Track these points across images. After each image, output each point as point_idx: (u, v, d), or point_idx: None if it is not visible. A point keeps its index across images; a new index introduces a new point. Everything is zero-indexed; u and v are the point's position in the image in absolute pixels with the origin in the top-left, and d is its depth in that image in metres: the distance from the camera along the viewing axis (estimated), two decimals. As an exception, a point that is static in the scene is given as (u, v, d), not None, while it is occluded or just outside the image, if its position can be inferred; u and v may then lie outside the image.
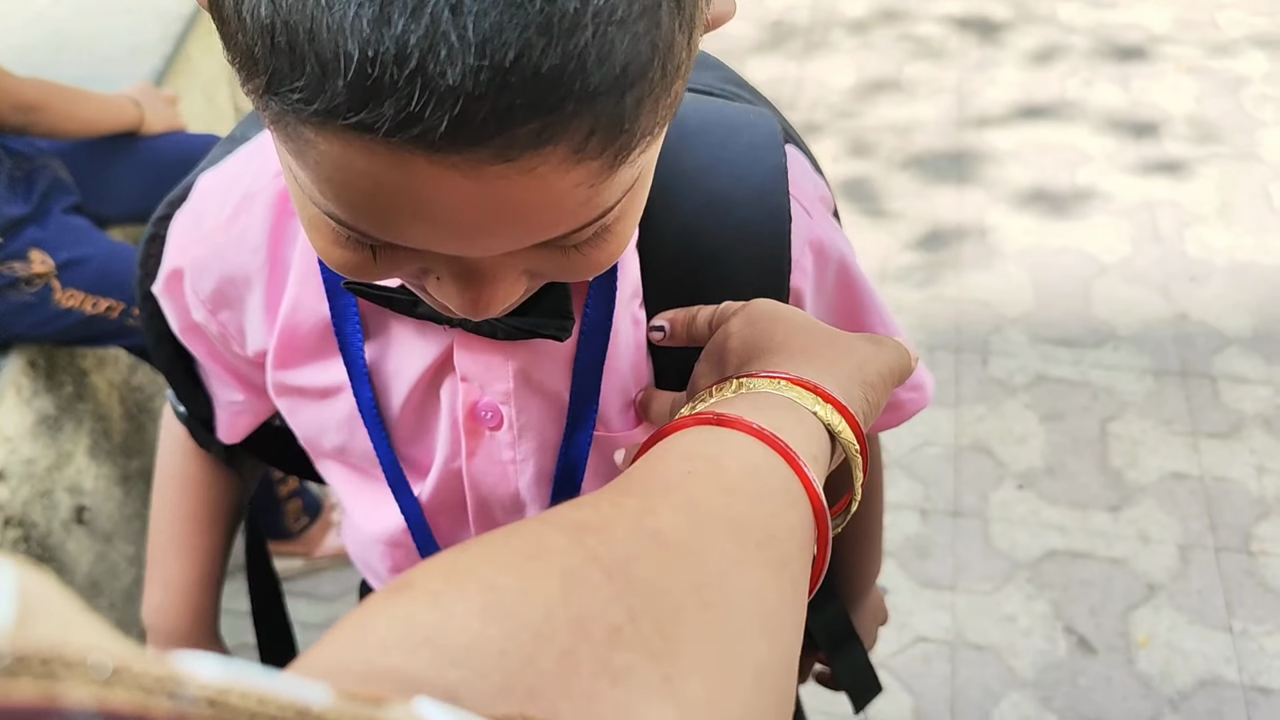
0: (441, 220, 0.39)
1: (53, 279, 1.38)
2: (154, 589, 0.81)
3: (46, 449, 1.48)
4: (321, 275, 0.59)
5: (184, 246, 0.63)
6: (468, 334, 0.57)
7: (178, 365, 0.71)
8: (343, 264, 0.45)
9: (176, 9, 1.89)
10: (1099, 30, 2.84)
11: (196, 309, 0.64)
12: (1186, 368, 2.06)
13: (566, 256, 0.44)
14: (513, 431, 0.60)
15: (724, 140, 0.58)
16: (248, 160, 0.62)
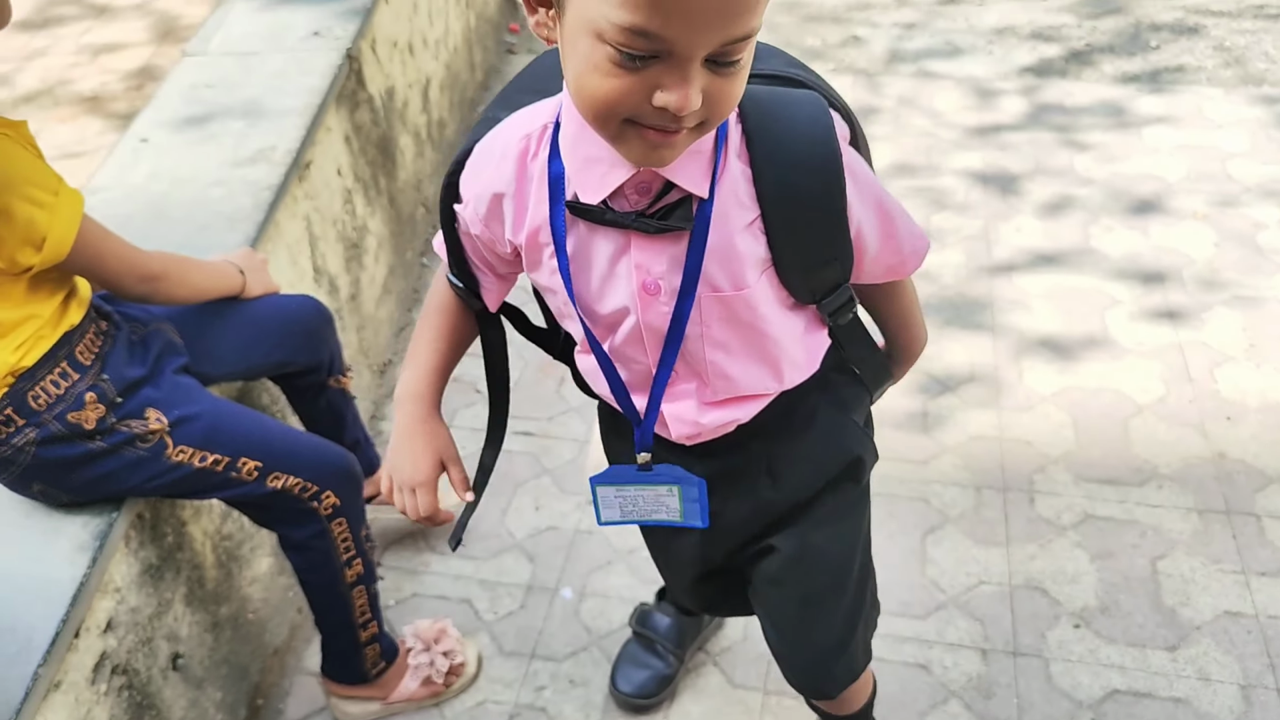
0: (692, 14, 0.78)
1: (165, 435, 1.48)
2: (406, 371, 1.21)
3: (149, 598, 1.54)
4: (549, 193, 1.01)
5: (470, 184, 1.07)
6: (639, 234, 1.00)
7: (461, 257, 1.14)
8: (610, 93, 0.83)
9: (265, 179, 2.03)
10: (1114, 181, 2.99)
11: (475, 224, 1.08)
12: (1230, 506, 2.12)
13: (721, 81, 0.84)
14: (665, 294, 1.03)
15: (794, 112, 1.01)
16: (501, 131, 1.05)
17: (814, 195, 1.02)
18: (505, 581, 2.10)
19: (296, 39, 2.42)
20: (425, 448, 1.20)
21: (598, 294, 1.05)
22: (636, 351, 1.11)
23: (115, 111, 3.57)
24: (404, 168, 2.75)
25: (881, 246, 1.12)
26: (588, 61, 0.83)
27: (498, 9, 3.76)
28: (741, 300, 1.05)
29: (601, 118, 0.87)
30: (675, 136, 0.87)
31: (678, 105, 0.82)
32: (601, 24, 0.80)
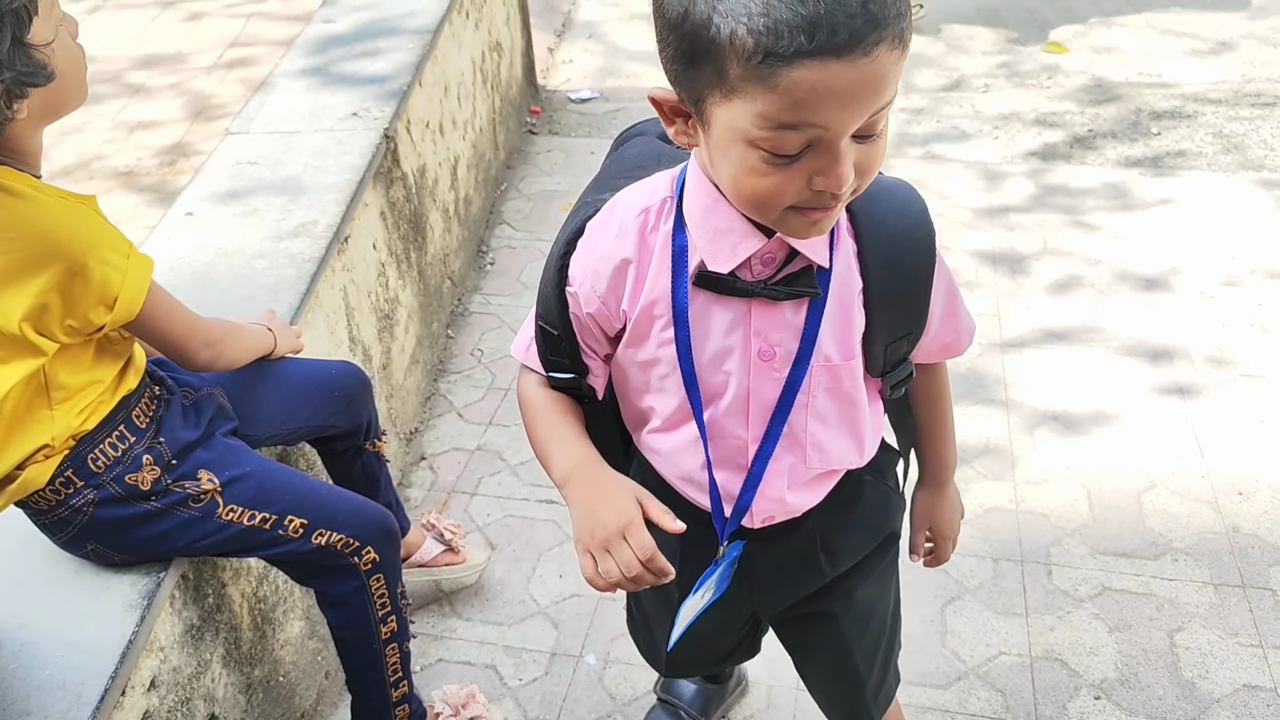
0: (842, 96, 0.84)
1: (217, 495, 1.53)
2: (556, 453, 1.15)
3: (189, 658, 1.58)
4: (671, 262, 1.06)
5: (585, 264, 1.10)
6: (760, 303, 1.06)
7: (574, 345, 1.15)
8: (770, 189, 0.91)
9: (307, 252, 2.11)
10: (1120, 261, 3.07)
11: (590, 301, 1.11)
12: (1246, 580, 2.15)
13: (867, 149, 0.90)
14: (779, 360, 1.09)
15: (893, 193, 1.10)
16: (614, 208, 1.10)
17: (912, 271, 1.10)
18: (530, 648, 2.12)
19: (336, 119, 2.53)
20: (617, 490, 1.09)
21: (708, 364, 1.09)
22: (735, 424, 1.13)
23: (149, 186, 3.68)
24: (433, 242, 2.84)
25: (943, 325, 1.19)
26: (742, 166, 0.91)
27: (520, 92, 3.89)
28: (848, 370, 1.12)
29: (764, 209, 0.94)
30: (834, 209, 0.94)
31: (836, 186, 0.89)
32: (752, 131, 0.87)
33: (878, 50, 0.82)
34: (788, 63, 0.82)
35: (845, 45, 0.81)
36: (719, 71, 0.86)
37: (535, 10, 4.31)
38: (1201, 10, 4.48)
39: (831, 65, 0.82)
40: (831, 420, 1.15)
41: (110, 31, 4.66)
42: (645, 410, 1.19)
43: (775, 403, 1.11)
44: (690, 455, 1.17)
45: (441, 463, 2.56)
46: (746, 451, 1.16)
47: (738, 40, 0.83)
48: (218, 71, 4.33)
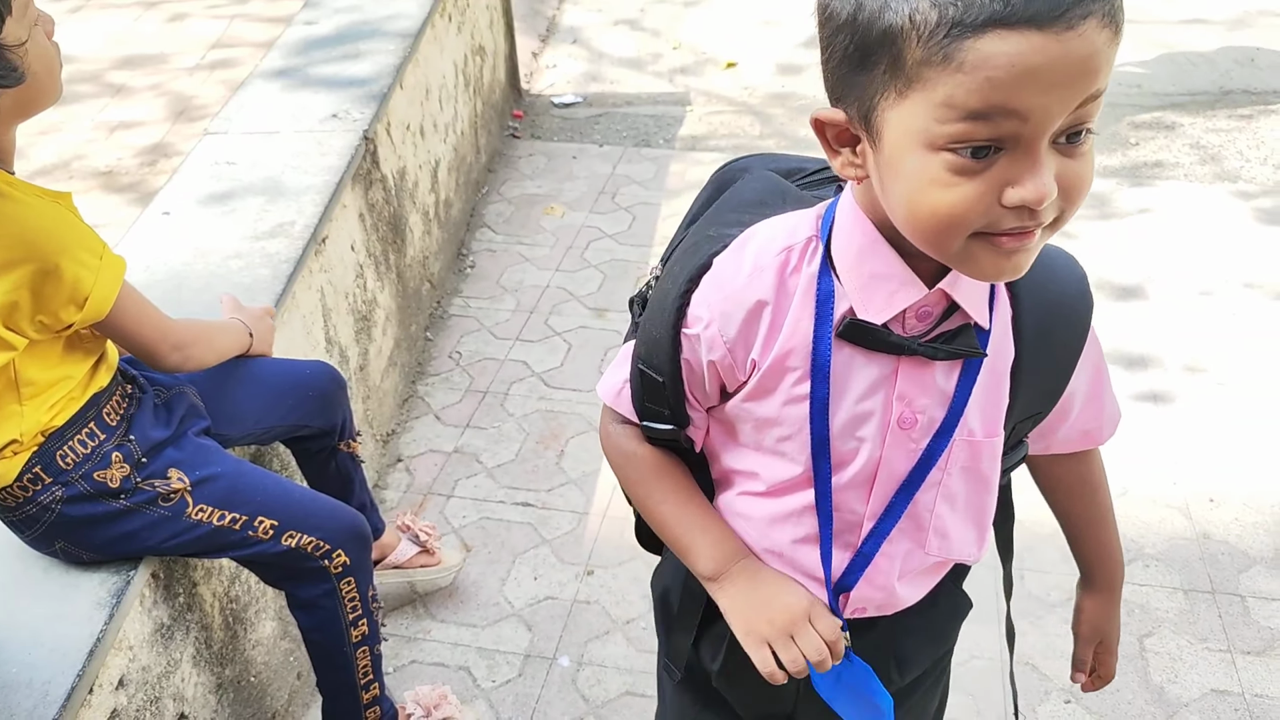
0: (1042, 75, 0.72)
1: (187, 494, 1.52)
2: (700, 546, 1.05)
3: (159, 657, 1.57)
4: (815, 308, 0.93)
5: (712, 303, 0.96)
6: (911, 362, 0.93)
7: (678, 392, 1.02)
8: (957, 204, 0.77)
9: (284, 253, 2.11)
10: (1100, 269, 3.09)
11: (715, 346, 0.97)
12: (1216, 586, 2.17)
13: (1072, 164, 0.77)
14: (919, 430, 0.95)
15: (1054, 258, 0.98)
16: (750, 243, 0.96)
17: (1064, 344, 0.99)
18: (503, 650, 2.12)
19: (316, 120, 2.53)
20: (786, 579, 1.03)
21: (841, 427, 0.96)
22: (855, 497, 0.99)
23: (128, 186, 3.67)
24: (412, 245, 2.84)
25: (1086, 407, 1.06)
26: (922, 178, 0.78)
27: (503, 96, 3.90)
28: (989, 447, 0.99)
29: (947, 235, 0.80)
30: (1032, 238, 0.79)
31: (1035, 196, 0.75)
32: (933, 129, 0.76)
33: (1085, 25, 0.72)
34: (977, 33, 0.71)
35: (1046, 15, 0.71)
36: (895, 63, 0.76)
37: (519, 14, 4.32)
38: (1180, 22, 4.52)
39: (1030, 36, 0.71)
40: (960, 504, 1.01)
41: (92, 31, 4.65)
42: (745, 471, 1.04)
43: (905, 476, 0.98)
44: (790, 527, 1.03)
45: (418, 464, 2.55)
46: (860, 529, 1.01)
47: (919, 17, 0.73)
48: (200, 72, 4.32)
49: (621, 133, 3.95)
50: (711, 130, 3.91)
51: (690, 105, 4.11)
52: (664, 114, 4.06)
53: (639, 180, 3.62)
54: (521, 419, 2.67)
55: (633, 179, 3.64)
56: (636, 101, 4.17)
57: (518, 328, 2.97)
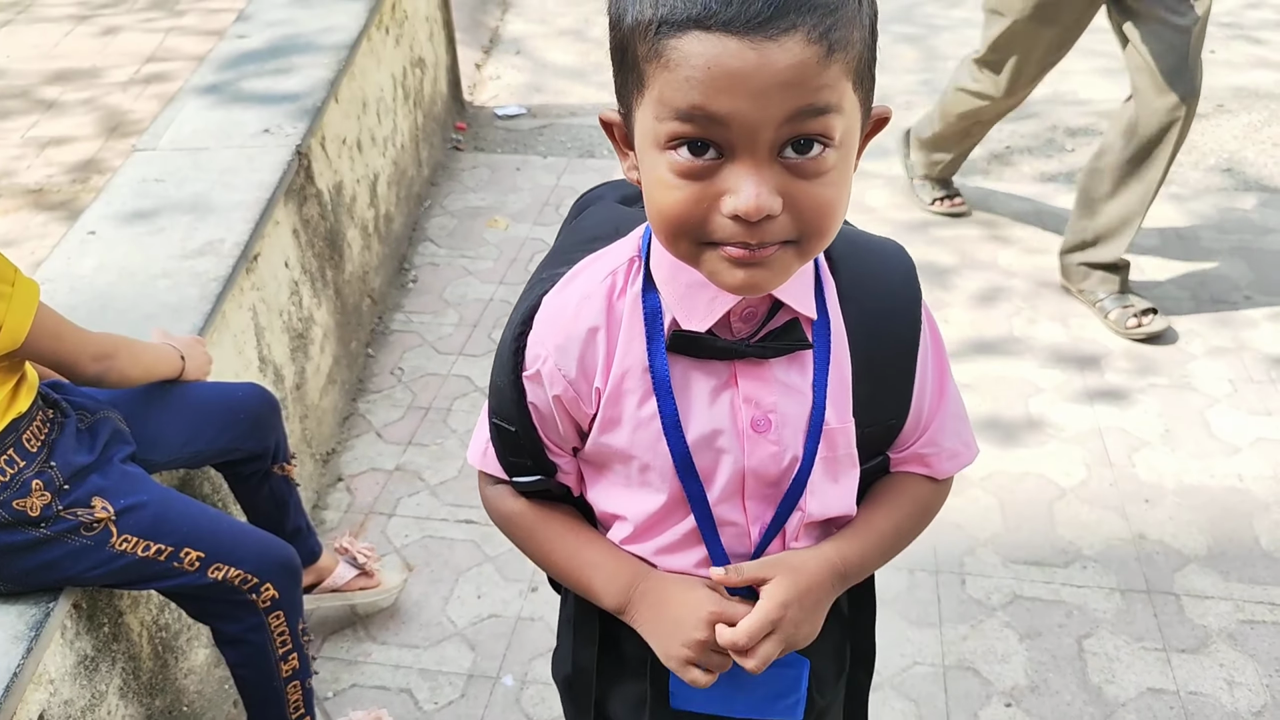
0: (738, 81, 0.73)
1: (111, 524, 1.48)
2: (598, 584, 1.02)
3: (83, 690, 1.53)
4: (644, 325, 0.92)
5: (546, 340, 0.95)
6: (746, 363, 0.92)
7: (535, 440, 1.00)
8: (675, 204, 0.79)
9: (213, 271, 2.07)
10: (1037, 273, 3.14)
11: (556, 382, 0.95)
12: (1151, 586, 2.20)
13: (804, 184, 0.77)
14: (776, 430, 0.94)
15: (884, 251, 1.00)
16: (576, 276, 0.97)
17: (894, 338, 0.97)
18: (446, 670, 2.09)
19: (247, 135, 2.49)
20: (685, 590, 0.99)
21: (697, 441, 0.94)
22: (731, 510, 0.97)
23: (59, 204, 3.59)
24: (351, 260, 2.81)
25: (921, 424, 1.02)
26: (653, 177, 0.81)
27: (445, 108, 3.87)
28: (844, 435, 0.97)
29: (673, 236, 0.82)
30: (764, 255, 0.79)
31: (745, 206, 0.76)
32: (656, 127, 0.78)
33: (789, 39, 0.73)
34: (680, 32, 0.74)
35: (743, 22, 0.72)
36: (634, 61, 0.79)
37: (461, 26, 4.30)
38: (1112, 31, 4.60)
39: (726, 41, 0.73)
40: (826, 494, 1.00)
41: (22, 45, 4.55)
42: (616, 515, 1.02)
43: (776, 478, 0.96)
44: (680, 557, 1.00)
45: (359, 483, 2.52)
46: (749, 538, 0.99)
47: (641, 18, 0.77)
48: (134, 87, 4.24)
49: (565, 144, 3.94)
50: (654, 140, 3.91)
51: (633, 115, 4.11)
52: (607, 124, 4.05)
53: (583, 191, 3.61)
54: (464, 435, 2.64)
55: (577, 190, 3.62)
56: (580, 112, 4.16)
57: (461, 342, 2.95)
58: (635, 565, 1.01)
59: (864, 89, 0.82)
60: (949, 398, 1.04)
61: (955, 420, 1.05)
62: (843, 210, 0.82)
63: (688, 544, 0.99)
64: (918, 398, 1.00)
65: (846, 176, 0.81)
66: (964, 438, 1.06)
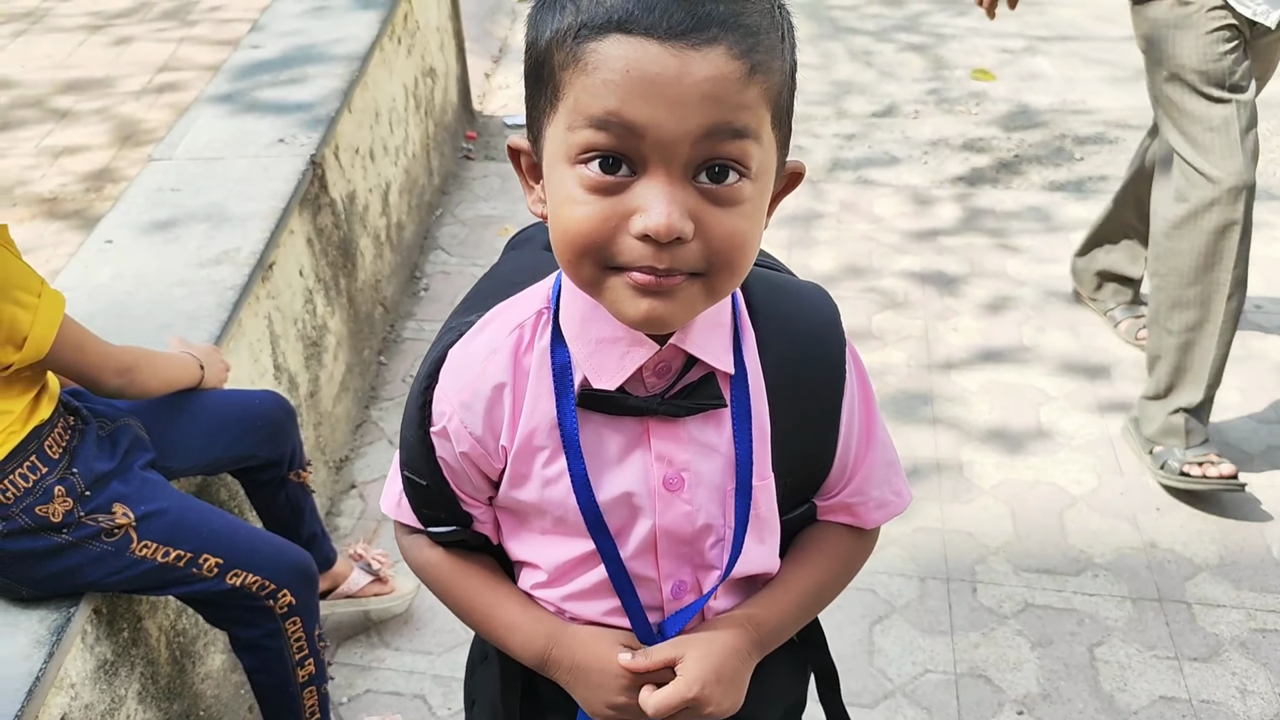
0: (655, 87, 0.72)
1: (131, 530, 1.50)
2: (515, 644, 0.99)
3: (103, 694, 1.54)
4: (553, 382, 0.89)
5: (451, 395, 0.92)
6: (659, 420, 0.89)
7: (447, 494, 0.97)
8: (582, 221, 0.76)
9: (229, 280, 2.09)
10: (1046, 282, 3.15)
11: (462, 439, 0.92)
12: (1163, 594, 2.21)
13: (716, 211, 0.75)
14: (689, 490, 0.92)
15: (806, 297, 0.97)
16: (482, 329, 0.93)
17: (817, 384, 0.94)
18: (459, 677, 2.09)
19: (262, 145, 2.51)
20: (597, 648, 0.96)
21: (609, 500, 0.92)
22: (643, 565, 0.95)
23: (73, 212, 3.61)
24: (363, 269, 2.82)
25: (847, 473, 1.00)
26: (559, 194, 0.77)
27: (455, 118, 3.89)
28: (765, 492, 0.94)
29: (577, 257, 0.78)
30: (669, 284, 0.77)
31: (655, 224, 0.73)
32: (568, 139, 0.76)
33: (711, 50, 0.72)
34: (600, 35, 0.73)
35: (664, 28, 0.72)
36: (549, 74, 0.77)
37: (471, 36, 4.32)
38: (1121, 40, 4.62)
39: (647, 45, 0.72)
40: (751, 553, 0.96)
41: (36, 55, 4.58)
42: (529, 563, 1.00)
43: (692, 539, 0.94)
44: (591, 604, 0.98)
45: (372, 491, 2.53)
46: (660, 593, 0.97)
47: (560, 26, 0.75)
48: (146, 96, 4.27)
49: (574, 153, 3.96)
50: (664, 149, 3.93)
51: (642, 124, 4.13)
52: (616, 133, 4.07)
53: (591, 200, 3.63)
54: (476, 442, 2.65)
55: (586, 199, 3.64)
56: (589, 121, 4.18)
57: (471, 350, 2.96)
58: (550, 624, 0.99)
59: (782, 131, 0.80)
60: (877, 445, 1.00)
61: (884, 468, 1.02)
62: (754, 247, 0.79)
63: (599, 594, 0.97)
64: (843, 446, 0.97)
65: (760, 212, 0.79)
66: (894, 486, 1.03)
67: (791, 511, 0.99)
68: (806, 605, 1.02)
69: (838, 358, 0.95)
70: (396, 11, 3.18)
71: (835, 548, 1.03)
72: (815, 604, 1.03)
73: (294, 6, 3.23)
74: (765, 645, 0.99)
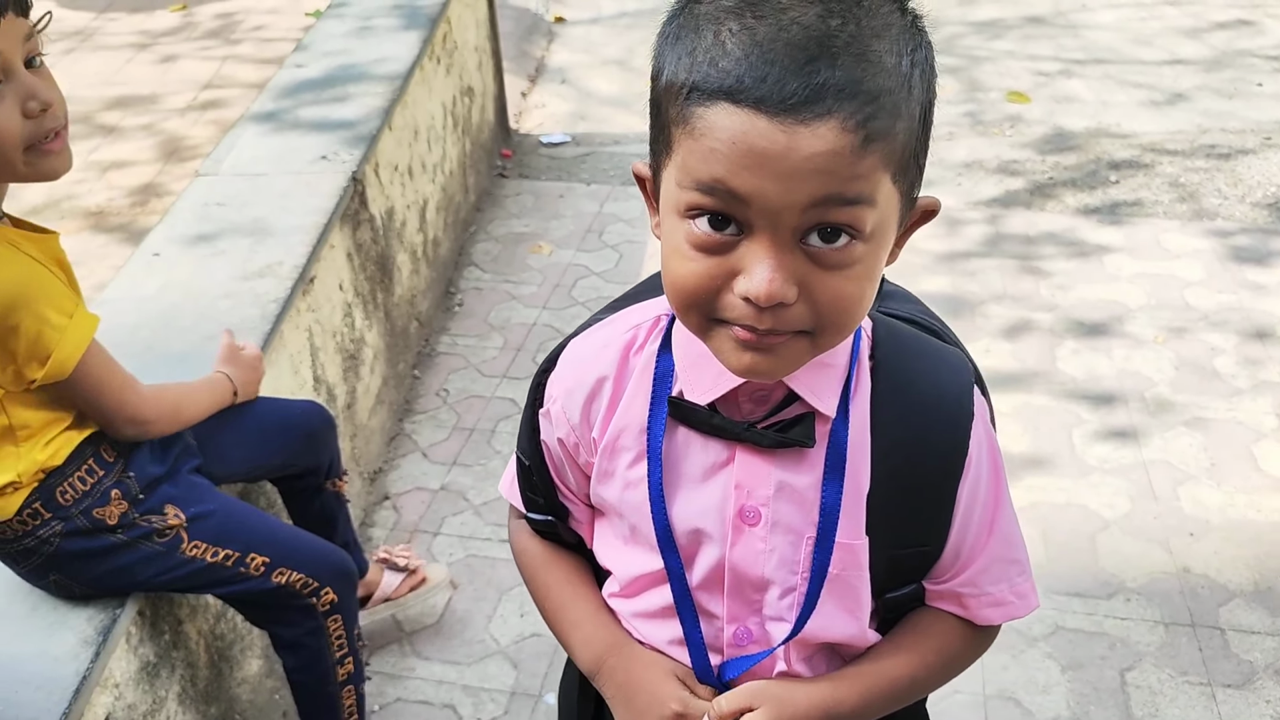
0: (763, 162, 0.69)
1: (182, 530, 1.54)
2: (575, 642, 1.01)
3: (145, 695, 1.58)
4: (652, 386, 0.90)
5: (562, 380, 0.96)
6: (745, 447, 0.87)
7: (548, 483, 1.00)
8: (688, 277, 0.76)
9: (272, 293, 2.14)
10: (1075, 307, 3.14)
11: (561, 425, 0.96)
12: (1195, 619, 2.19)
13: (825, 275, 0.73)
14: (766, 528, 0.89)
15: (940, 361, 0.92)
16: (605, 324, 0.97)
17: (931, 455, 0.88)
18: (489, 687, 2.12)
19: (304, 162, 2.56)
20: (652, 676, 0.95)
21: (681, 517, 0.90)
22: (709, 599, 0.93)
23: (119, 226, 3.70)
24: (400, 284, 2.87)
25: (964, 564, 0.93)
26: (670, 244, 0.78)
27: (491, 136, 3.95)
28: (853, 554, 0.89)
29: (684, 308, 0.78)
30: (771, 341, 0.76)
31: (756, 290, 0.72)
32: (678, 194, 0.75)
33: (822, 125, 0.68)
34: (708, 102, 0.71)
35: (775, 102, 0.68)
36: (665, 121, 0.76)
37: (508, 55, 4.39)
38: (1158, 64, 4.61)
39: (755, 119, 0.69)
40: (827, 613, 0.92)
41: (85, 72, 4.70)
42: (608, 570, 1.01)
43: (761, 585, 0.91)
44: (657, 627, 0.97)
45: (404, 502, 2.57)
46: (721, 635, 0.94)
47: (677, 78, 0.74)
48: (191, 113, 4.37)
49: (609, 171, 4.00)
50: (697, 169, 3.96)
51: (676, 145, 4.17)
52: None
53: (625, 219, 3.67)
54: (508, 456, 2.67)
55: (619, 217, 3.68)
56: (624, 140, 4.22)
57: (505, 365, 3.00)
58: (613, 635, 0.99)
59: (905, 180, 0.76)
60: (999, 538, 0.94)
61: (1004, 565, 0.95)
62: (865, 306, 0.77)
63: (664, 616, 0.96)
64: (959, 530, 0.91)
65: (875, 270, 0.77)
66: (1017, 587, 0.95)
67: (896, 590, 0.94)
68: (896, 693, 0.95)
69: (961, 434, 0.89)
70: (436, 32, 3.24)
71: (940, 638, 0.96)
72: (906, 694, 0.97)
73: (338, 27, 3.30)
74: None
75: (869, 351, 0.89)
